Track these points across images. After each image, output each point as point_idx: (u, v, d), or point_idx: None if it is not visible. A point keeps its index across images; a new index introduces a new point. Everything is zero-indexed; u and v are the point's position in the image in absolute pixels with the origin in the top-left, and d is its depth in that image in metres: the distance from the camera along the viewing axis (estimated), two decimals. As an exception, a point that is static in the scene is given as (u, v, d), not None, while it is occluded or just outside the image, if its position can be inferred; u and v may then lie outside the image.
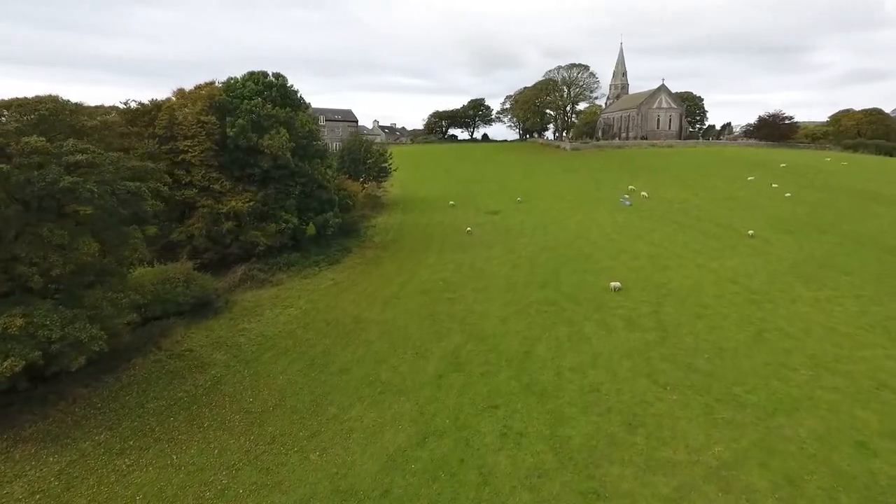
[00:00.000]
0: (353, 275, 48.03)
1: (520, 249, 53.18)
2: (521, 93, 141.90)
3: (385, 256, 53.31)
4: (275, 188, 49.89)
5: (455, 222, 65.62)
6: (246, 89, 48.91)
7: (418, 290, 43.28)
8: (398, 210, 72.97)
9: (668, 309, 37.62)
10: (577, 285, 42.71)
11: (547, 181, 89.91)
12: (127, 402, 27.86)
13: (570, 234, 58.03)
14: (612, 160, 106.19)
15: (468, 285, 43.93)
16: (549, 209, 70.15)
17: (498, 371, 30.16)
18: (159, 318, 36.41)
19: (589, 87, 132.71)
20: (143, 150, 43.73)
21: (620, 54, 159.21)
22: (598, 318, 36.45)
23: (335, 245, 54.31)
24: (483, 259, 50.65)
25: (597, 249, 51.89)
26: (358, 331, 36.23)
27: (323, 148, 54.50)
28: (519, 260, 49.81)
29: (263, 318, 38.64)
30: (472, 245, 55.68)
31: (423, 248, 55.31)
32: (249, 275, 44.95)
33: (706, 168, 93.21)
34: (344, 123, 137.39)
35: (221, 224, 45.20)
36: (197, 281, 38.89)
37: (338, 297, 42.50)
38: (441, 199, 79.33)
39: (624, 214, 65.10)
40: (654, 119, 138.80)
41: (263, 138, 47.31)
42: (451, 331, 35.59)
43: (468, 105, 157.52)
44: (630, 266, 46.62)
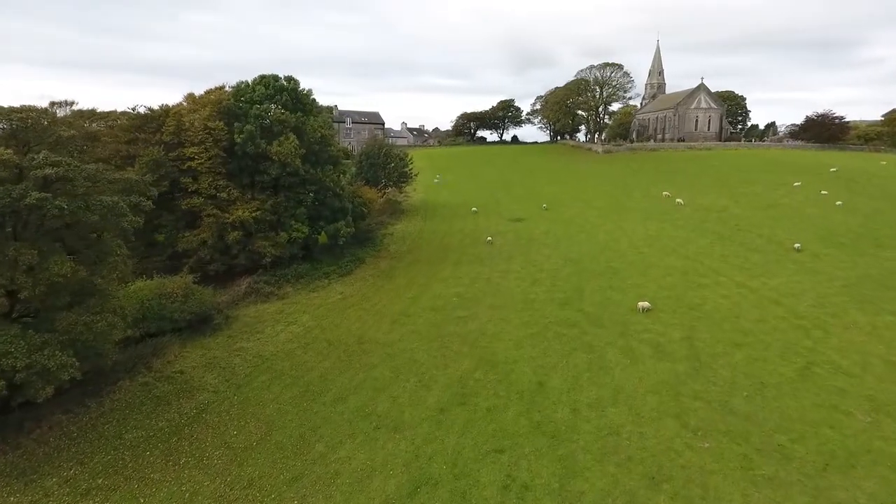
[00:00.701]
0: (363, 288, 45.67)
1: (541, 262, 49.89)
2: (552, 93, 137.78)
3: (399, 268, 50.80)
4: (285, 196, 48.02)
5: (476, 231, 62.69)
6: (256, 94, 47.17)
7: (429, 307, 40.58)
8: (418, 217, 70.48)
9: (701, 334, 33.90)
10: (601, 304, 39.26)
11: (575, 186, 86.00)
12: (105, 431, 26.01)
13: (597, 245, 54.36)
14: (646, 163, 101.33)
15: (483, 302, 40.99)
16: (576, 217, 66.46)
17: (506, 405, 27.17)
18: (154, 334, 34.76)
19: (623, 87, 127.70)
20: (148, 158, 42.56)
21: (657, 52, 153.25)
22: (623, 344, 33.02)
23: (348, 255, 52.10)
24: (501, 272, 47.58)
25: (625, 263, 48.17)
26: (360, 353, 33.75)
27: (337, 154, 52.39)
28: (540, 274, 46.55)
29: (263, 336, 36.59)
30: (492, 256, 52.65)
31: (440, 259, 52.59)
32: (254, 288, 43.08)
33: (747, 172, 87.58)
34: (370, 126, 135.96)
35: (227, 234, 43.46)
36: (196, 296, 37.11)
37: (344, 314, 40.17)
38: (464, 204, 76.50)
39: (656, 224, 60.96)
40: (692, 120, 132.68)
41: (272, 145, 45.45)
42: (460, 355, 32.74)
43: (497, 106, 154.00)
44: (660, 283, 42.83)
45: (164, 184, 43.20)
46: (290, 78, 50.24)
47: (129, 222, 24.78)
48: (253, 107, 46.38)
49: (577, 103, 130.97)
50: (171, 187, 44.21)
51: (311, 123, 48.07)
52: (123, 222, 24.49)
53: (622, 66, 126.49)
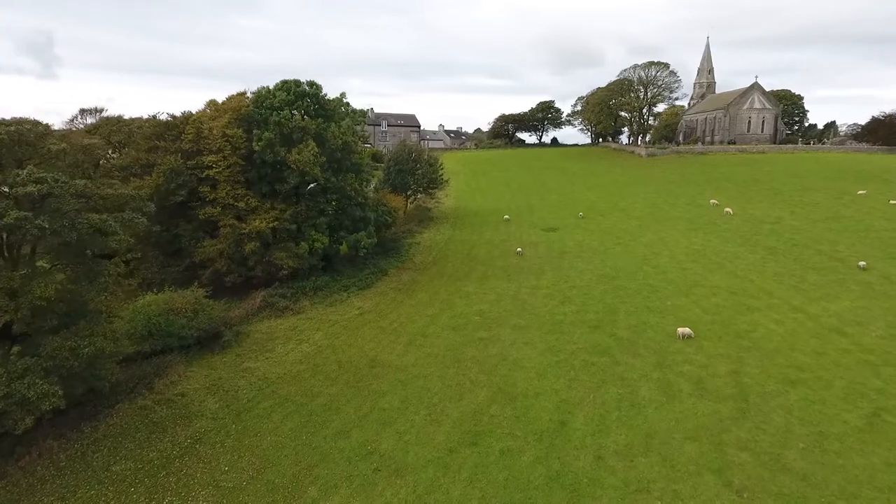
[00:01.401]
0: (382, 303, 43.53)
1: (574, 277, 46.55)
2: (593, 94, 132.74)
3: (422, 281, 48.45)
4: (305, 205, 46.42)
5: (506, 241, 59.73)
6: (276, 100, 45.76)
7: (449, 326, 38.03)
8: (447, 224, 68.02)
9: (750, 368, 30.10)
10: (637, 329, 35.78)
11: (615, 193, 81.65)
12: (93, 461, 24.63)
13: (635, 259, 50.52)
14: (693, 168, 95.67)
15: (507, 322, 38.15)
16: (614, 227, 62.54)
17: (522, 449, 24.35)
18: (161, 352, 33.56)
19: (669, 87, 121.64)
20: (165, 166, 41.71)
21: (706, 49, 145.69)
22: (659, 378, 29.60)
23: (370, 266, 50.16)
24: (529, 289, 44.54)
25: (665, 281, 44.31)
26: (370, 378, 31.53)
27: (360, 161, 50.50)
28: (571, 291, 43.29)
29: (272, 356, 34.87)
30: (520, 270, 49.64)
31: (465, 273, 49.95)
32: (269, 302, 41.56)
33: (805, 179, 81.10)
34: (406, 128, 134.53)
35: (244, 245, 42.14)
36: (206, 311, 35.79)
37: (359, 332, 38.08)
38: (496, 212, 73.57)
39: (701, 236, 56.49)
40: (744, 121, 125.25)
41: (291, 153, 43.91)
42: (477, 385, 30.07)
43: (537, 107, 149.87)
44: (705, 305, 38.91)
45: (181, 193, 42.36)
46: (313, 83, 48.69)
47: (118, 241, 23.25)
48: (273, 113, 44.97)
49: (620, 104, 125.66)
50: (189, 196, 43.29)
51: (333, 130, 46.32)
52: (112, 242, 22.97)
53: (668, 64, 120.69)
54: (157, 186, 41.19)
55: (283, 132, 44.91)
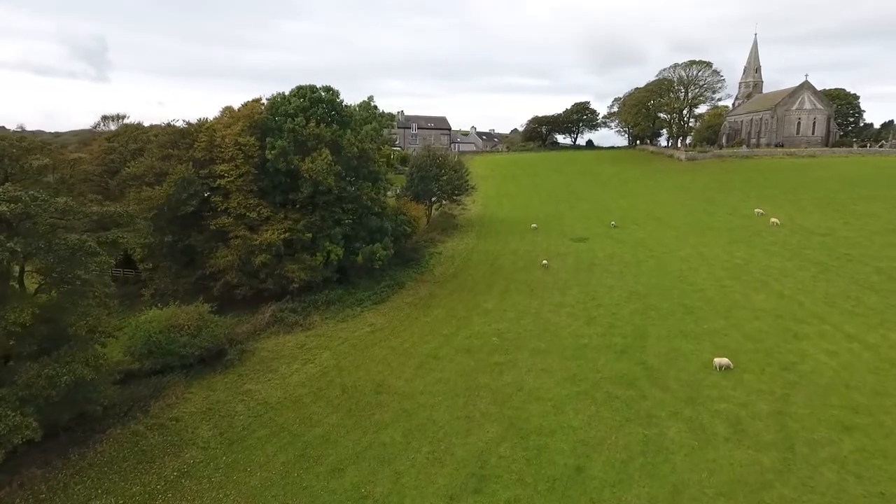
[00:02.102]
0: (395, 319, 41.45)
1: (601, 295, 43.41)
2: (630, 95, 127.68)
3: (440, 296, 46.16)
4: (320, 215, 44.81)
5: (532, 252, 56.84)
6: (290, 106, 44.32)
7: (464, 348, 35.63)
8: (472, 233, 65.55)
9: (797, 409, 26.62)
10: (668, 356, 32.57)
11: (651, 200, 77.47)
12: (74, 494, 23.31)
13: (670, 275, 46.92)
14: (736, 173, 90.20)
15: (526, 345, 35.47)
16: (648, 238, 58.79)
17: (532, 499, 21.81)
18: (161, 370, 32.35)
19: (711, 87, 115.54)
20: (176, 175, 40.76)
21: (753, 47, 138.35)
22: (691, 416, 26.48)
23: (387, 278, 48.20)
24: (553, 306, 41.68)
25: (702, 301, 40.71)
26: (374, 406, 29.43)
27: (378, 168, 48.64)
28: (597, 311, 40.23)
29: (275, 377, 33.22)
30: (545, 285, 46.75)
31: (486, 287, 47.40)
32: (279, 317, 40.08)
33: (861, 186, 74.99)
34: (437, 131, 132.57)
35: (255, 257, 40.78)
36: (209, 327, 34.48)
37: (368, 352, 36.09)
38: (524, 219, 70.63)
39: (744, 249, 52.27)
40: (793, 122, 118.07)
41: (305, 161, 42.36)
42: (487, 418, 27.59)
43: (571, 109, 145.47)
44: (746, 330, 35.30)
45: (192, 203, 41.31)
46: (329, 88, 47.16)
47: (98, 263, 21.80)
48: (288, 120, 43.53)
49: (659, 105, 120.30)
50: (201, 206, 42.24)
51: (349, 137, 44.54)
52: (91, 263, 21.54)
53: (711, 63, 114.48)
54: (168, 196, 40.23)
55: (297, 140, 43.43)
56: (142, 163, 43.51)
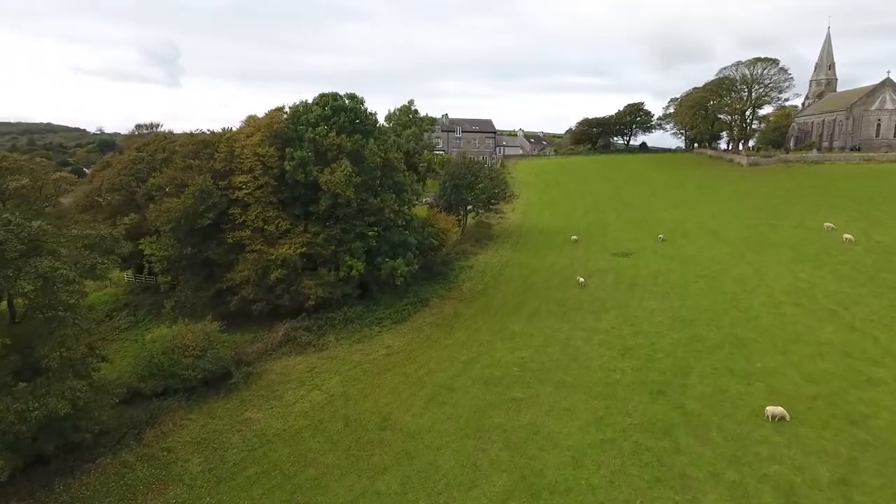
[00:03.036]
0: (414, 342, 38.97)
1: (641, 320, 39.36)
2: (688, 95, 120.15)
3: (465, 315, 43.32)
4: (341, 228, 42.97)
5: (569, 267, 53.05)
6: (311, 115, 42.69)
7: (481, 380, 32.68)
8: (508, 244, 62.27)
9: (868, 478, 22.23)
10: (712, 400, 28.48)
11: (706, 210, 71.58)
12: (48, 533, 22.07)
13: (722, 298, 42.17)
14: (804, 180, 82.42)
15: (550, 378, 32.13)
16: (699, 255, 53.74)
17: (534, 579, 18.67)
18: (162, 393, 31.17)
19: (777, 86, 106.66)
20: (195, 187, 39.89)
21: (826, 41, 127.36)
22: (734, 481, 22.56)
23: (411, 294, 45.84)
24: (585, 332, 38.04)
25: (757, 331, 36.03)
26: (375, 445, 27.00)
27: (403, 179, 46.31)
28: (635, 340, 36.31)
29: (279, 404, 31.38)
30: (579, 306, 43.05)
31: (515, 307, 44.17)
32: (292, 336, 38.41)
33: (952, 195, 66.49)
34: (481, 135, 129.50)
35: (270, 272, 39.32)
36: (216, 348, 33.15)
37: (379, 379, 33.75)
38: (564, 230, 66.66)
39: (810, 270, 46.59)
40: (871, 124, 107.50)
41: (324, 172, 40.59)
42: (496, 467, 24.60)
43: (624, 110, 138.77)
44: (807, 370, 30.61)
45: (210, 215, 40.33)
46: (353, 96, 45.23)
47: (70, 293, 20.36)
48: (308, 130, 41.92)
49: (719, 106, 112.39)
50: (220, 218, 41.21)
51: (371, 147, 42.42)
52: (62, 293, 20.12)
53: (777, 61, 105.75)
54: (186, 208, 39.36)
55: (317, 150, 41.72)
56: (165, 173, 43.05)
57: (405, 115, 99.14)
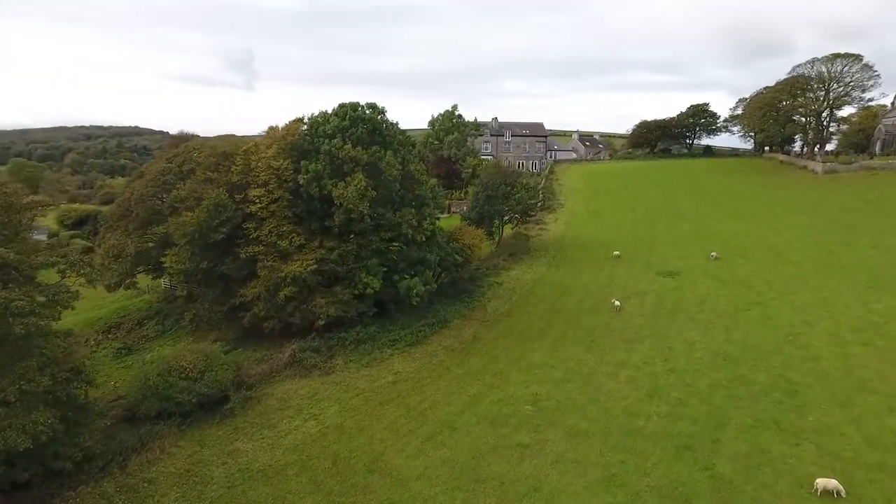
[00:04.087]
0: (425, 368, 36.56)
1: (678, 355, 35.17)
2: (757, 95, 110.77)
3: (485, 339, 40.48)
4: (357, 244, 41.22)
5: (607, 287, 48.98)
6: (328, 126, 41.14)
7: (487, 418, 29.85)
8: (544, 259, 58.64)
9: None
10: (749, 462, 24.37)
11: (769, 224, 64.90)
12: (9, 571, 21.30)
13: (776, 332, 37.18)
14: (889, 191, 73.35)
15: (563, 421, 28.87)
16: (756, 276, 48.25)
17: None
18: (157, 417, 30.34)
19: (860, 85, 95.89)
20: (209, 201, 39.29)
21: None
22: (765, 575, 18.66)
23: (430, 314, 43.49)
24: (611, 367, 34.33)
25: (814, 376, 31.16)
26: (360, 490, 24.82)
27: (425, 192, 43.89)
28: (667, 378, 32.30)
29: (271, 434, 29.82)
30: (609, 333, 39.23)
31: (540, 331, 40.87)
32: (298, 357, 36.95)
33: None
34: (531, 139, 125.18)
35: (280, 289, 38.08)
36: (214, 371, 32.02)
37: (380, 410, 31.56)
38: (608, 243, 62.24)
39: (887, 300, 40.49)
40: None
41: (338, 186, 38.95)
42: (484, 530, 21.78)
43: (687, 112, 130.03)
44: (871, 432, 25.79)
45: (223, 230, 39.59)
46: (373, 105, 43.31)
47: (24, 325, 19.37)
48: (325, 142, 40.42)
49: (792, 107, 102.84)
50: (234, 232, 40.43)
51: (388, 159, 40.36)
52: (16, 326, 19.16)
53: (860, 56, 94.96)
54: (200, 222, 38.79)
55: (333, 163, 40.14)
56: (187, 186, 42.86)
57: (448, 121, 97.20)
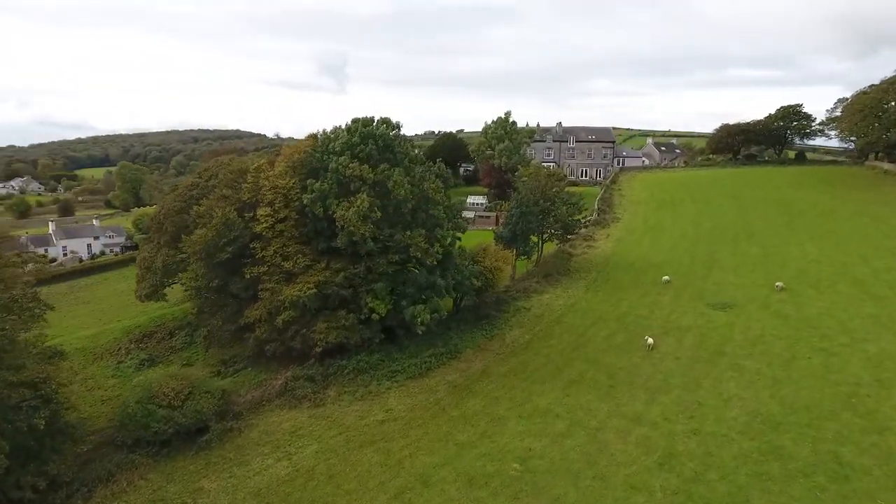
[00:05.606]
0: (420, 407, 33.78)
1: (707, 412, 30.00)
2: (859, 96, 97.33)
3: (493, 375, 37.04)
4: (365, 266, 39.31)
5: (645, 319, 43.73)
6: (338, 143, 39.49)
7: (467, 476, 26.63)
8: (583, 281, 53.78)
9: None
10: (764, 573, 19.52)
11: (856, 248, 55.86)
12: None
13: (838, 389, 30.90)
14: None
15: (549, 490, 25.10)
16: (828, 315, 41.07)
17: None
18: (134, 444, 29.85)
19: None
20: (217, 220, 38.94)
21: None
22: None
23: (441, 343, 40.69)
24: (625, 420, 29.85)
25: (875, 455, 25.16)
26: (304, 553, 22.59)
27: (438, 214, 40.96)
28: (687, 443, 27.45)
29: (239, 473, 28.37)
30: (633, 378, 34.48)
31: (554, 371, 36.78)
32: (290, 386, 35.48)
33: None
34: (597, 145, 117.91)
35: (280, 313, 36.90)
36: (197, 399, 31.15)
37: (356, 455, 29.22)
38: (660, 266, 56.29)
39: None
40: None
41: (341, 206, 37.20)
42: None
43: (777, 114, 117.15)
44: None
45: (228, 249, 39.02)
46: (387, 121, 41.20)
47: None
48: (333, 159, 38.85)
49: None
50: (241, 252, 39.79)
51: (397, 178, 38.01)
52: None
53: None
54: (207, 241, 38.47)
55: (340, 181, 38.46)
56: (206, 202, 42.96)
57: (500, 128, 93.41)
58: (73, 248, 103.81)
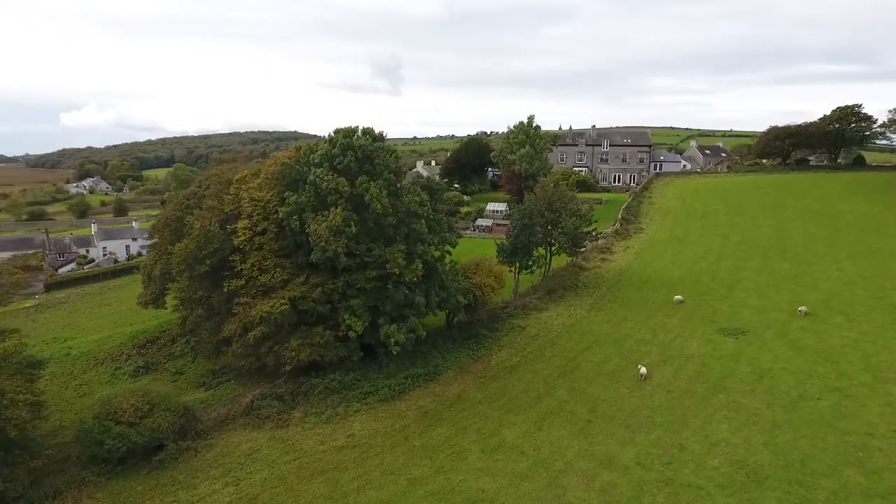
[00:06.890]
0: (382, 433, 32.12)
1: (686, 459, 26.96)
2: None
3: (468, 401, 34.98)
4: (344, 282, 38.12)
5: (646, 343, 40.52)
6: (317, 154, 38.45)
7: (410, 517, 24.82)
8: (590, 299, 50.72)
9: None
10: None
11: None
12: None
13: (845, 440, 27.15)
14: None
15: (493, 539, 22.92)
16: (852, 346, 36.73)
17: None
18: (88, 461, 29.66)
19: None
20: (196, 231, 38.67)
21: None
22: None
23: (420, 363, 39.09)
24: (594, 463, 27.22)
25: (868, 528, 21.64)
26: None
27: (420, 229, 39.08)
28: (655, 495, 24.63)
29: (184, 498, 27.57)
30: (614, 413, 31.64)
31: (532, 400, 34.33)
32: (256, 405, 34.62)
33: None
34: (633, 149, 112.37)
35: (250, 329, 36.17)
36: (155, 416, 30.67)
37: (304, 486, 27.88)
38: (677, 282, 52.51)
39: None
40: None
41: (315, 220, 36.10)
42: None
43: (831, 115, 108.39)
44: None
45: (207, 262, 38.57)
46: (370, 131, 39.85)
47: None
48: (311, 171, 37.86)
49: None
50: (222, 264, 39.32)
51: (373, 192, 36.52)
52: None
53: None
54: (187, 253, 38.22)
55: (318, 194, 37.40)
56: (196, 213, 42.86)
57: (521, 133, 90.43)
58: (112, 248, 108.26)
